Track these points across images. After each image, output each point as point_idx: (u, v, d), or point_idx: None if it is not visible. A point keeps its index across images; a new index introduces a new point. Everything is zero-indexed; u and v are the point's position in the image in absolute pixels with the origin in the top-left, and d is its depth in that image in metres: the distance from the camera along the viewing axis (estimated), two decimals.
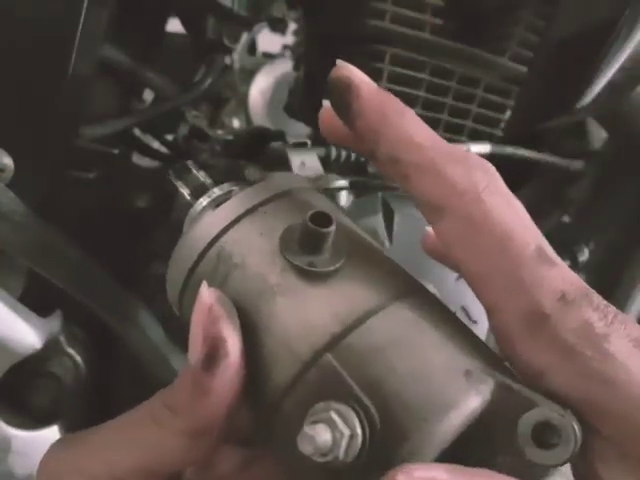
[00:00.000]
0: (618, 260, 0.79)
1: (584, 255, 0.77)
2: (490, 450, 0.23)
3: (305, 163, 0.56)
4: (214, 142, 0.68)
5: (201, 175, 0.32)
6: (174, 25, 0.72)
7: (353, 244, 0.28)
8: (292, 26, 0.89)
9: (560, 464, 0.22)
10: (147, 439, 0.25)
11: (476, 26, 0.60)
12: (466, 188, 0.25)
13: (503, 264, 0.24)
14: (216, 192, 0.32)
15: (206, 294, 0.26)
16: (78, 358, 0.58)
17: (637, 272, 0.78)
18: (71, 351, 0.58)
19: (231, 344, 0.25)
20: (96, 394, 0.60)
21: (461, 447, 0.23)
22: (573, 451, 0.22)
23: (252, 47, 1.56)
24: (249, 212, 0.28)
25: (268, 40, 1.52)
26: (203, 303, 0.26)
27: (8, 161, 0.46)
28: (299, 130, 0.81)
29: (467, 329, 0.26)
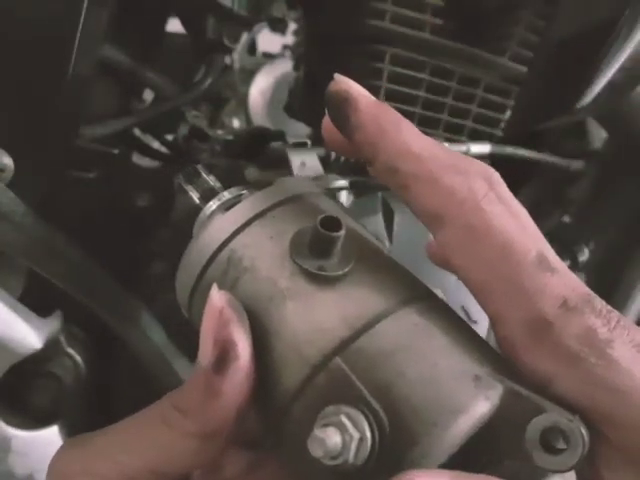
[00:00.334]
0: (618, 260, 0.79)
1: (584, 255, 0.77)
2: (497, 455, 0.23)
3: (305, 163, 0.56)
4: (214, 142, 0.68)
5: (210, 179, 0.32)
6: (174, 25, 0.72)
7: (362, 248, 0.28)
8: (292, 26, 0.89)
9: (567, 469, 0.22)
10: (157, 440, 0.26)
11: (476, 26, 0.60)
12: (465, 197, 0.25)
13: (504, 272, 0.24)
14: (226, 196, 0.32)
15: (217, 297, 0.26)
16: (78, 358, 0.58)
17: (637, 272, 0.78)
18: (71, 351, 0.58)
19: (241, 347, 0.25)
20: (96, 394, 0.60)
21: (469, 451, 0.23)
22: (581, 456, 0.22)
23: (252, 47, 1.56)
24: (259, 216, 0.28)
25: (268, 40, 1.52)
26: (214, 306, 0.26)
27: (8, 161, 0.46)
28: (299, 130, 0.80)
29: (476, 334, 0.26)
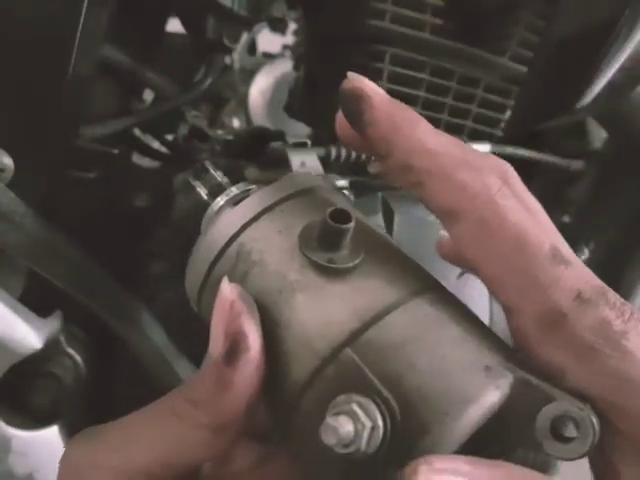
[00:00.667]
0: (618, 260, 0.79)
1: (584, 255, 0.77)
2: (508, 443, 0.23)
3: (305, 163, 0.56)
4: (214, 142, 0.68)
5: (218, 175, 0.33)
6: (174, 25, 0.72)
7: (371, 241, 0.28)
8: (292, 26, 0.89)
9: (578, 457, 0.22)
10: (168, 433, 0.26)
11: (476, 26, 0.60)
12: (478, 191, 0.25)
13: (518, 264, 0.25)
14: (234, 191, 0.32)
15: (227, 290, 0.26)
16: (78, 358, 0.58)
17: (637, 272, 0.78)
18: (71, 351, 0.58)
19: (252, 339, 0.25)
20: (96, 394, 0.60)
21: (480, 440, 0.23)
22: (591, 445, 0.22)
23: (252, 47, 1.56)
24: (267, 210, 0.28)
25: (268, 40, 1.52)
26: (224, 299, 0.26)
27: (8, 161, 0.46)
28: (299, 130, 0.80)
29: (484, 326, 0.26)
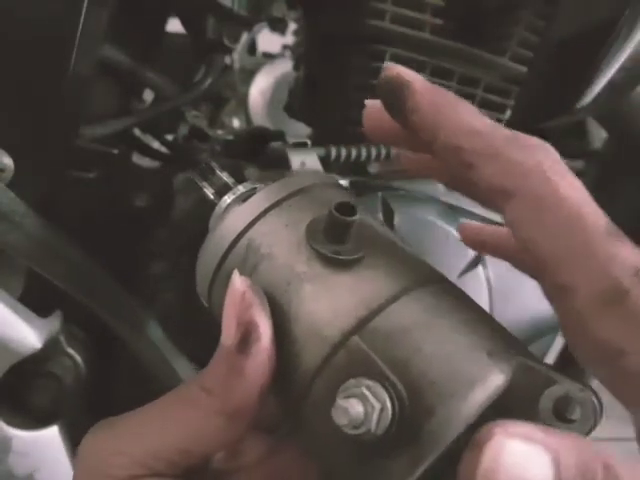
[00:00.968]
0: None
1: None
2: None
3: (305, 163, 0.56)
4: (214, 142, 0.68)
5: (224, 175, 0.34)
6: (174, 25, 0.72)
7: (376, 234, 0.29)
8: (292, 26, 0.89)
9: None
10: (184, 420, 0.27)
11: (476, 26, 0.60)
12: (531, 169, 0.25)
13: (575, 242, 0.24)
14: (240, 189, 0.33)
15: (238, 282, 0.27)
16: (78, 358, 0.58)
17: None
18: (71, 351, 0.58)
19: (263, 329, 0.26)
20: (96, 394, 0.60)
21: (485, 423, 0.23)
22: (593, 425, 0.22)
23: (252, 47, 1.56)
24: (275, 205, 0.29)
25: (268, 40, 1.52)
26: (236, 290, 0.27)
27: (8, 161, 0.46)
28: (299, 130, 0.80)
29: (488, 315, 0.27)
